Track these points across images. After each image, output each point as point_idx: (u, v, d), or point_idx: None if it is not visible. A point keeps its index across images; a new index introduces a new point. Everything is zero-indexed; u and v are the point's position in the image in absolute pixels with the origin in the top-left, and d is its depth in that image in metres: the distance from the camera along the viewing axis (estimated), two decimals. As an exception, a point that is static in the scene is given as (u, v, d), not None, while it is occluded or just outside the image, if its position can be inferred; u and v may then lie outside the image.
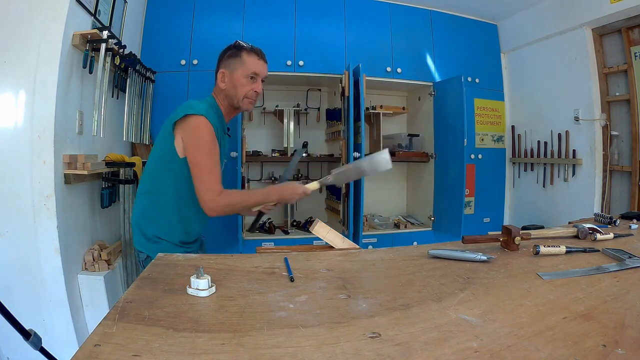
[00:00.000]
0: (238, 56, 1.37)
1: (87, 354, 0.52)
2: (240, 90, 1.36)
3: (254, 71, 1.36)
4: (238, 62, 1.36)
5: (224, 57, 1.41)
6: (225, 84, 1.38)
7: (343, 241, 1.12)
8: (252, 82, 1.37)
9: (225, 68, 1.39)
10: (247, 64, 1.36)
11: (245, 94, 1.37)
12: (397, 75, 3.14)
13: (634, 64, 2.61)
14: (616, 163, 2.80)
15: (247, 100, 1.39)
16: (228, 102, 1.41)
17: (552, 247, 1.00)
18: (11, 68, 1.66)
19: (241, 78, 1.36)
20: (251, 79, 1.37)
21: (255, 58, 1.37)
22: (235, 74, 1.36)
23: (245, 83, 1.36)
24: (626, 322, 0.62)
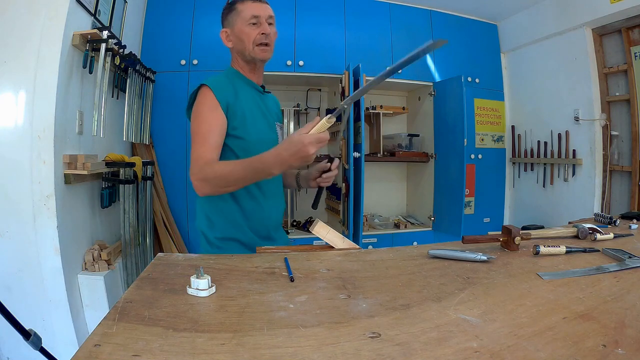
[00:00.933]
0: (233, 9, 1.25)
1: (87, 354, 0.52)
2: (246, 40, 1.23)
3: (252, 14, 1.22)
4: (234, 14, 1.24)
5: (223, 17, 1.30)
6: (232, 42, 1.27)
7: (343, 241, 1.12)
8: (257, 27, 1.23)
9: (226, 26, 1.28)
10: (243, 11, 1.23)
11: (254, 41, 1.23)
12: (397, 75, 3.13)
13: (634, 64, 2.61)
14: (616, 163, 2.80)
15: (259, 48, 1.23)
16: (242, 59, 1.28)
17: (552, 247, 1.00)
18: (11, 68, 1.66)
19: (243, 27, 1.23)
20: (253, 24, 1.23)
21: (249, 2, 1.23)
22: (236, 27, 1.24)
23: (248, 31, 1.22)
24: (626, 322, 0.62)
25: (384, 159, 3.21)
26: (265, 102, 1.33)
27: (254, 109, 1.26)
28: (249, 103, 1.25)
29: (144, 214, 2.32)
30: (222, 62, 2.87)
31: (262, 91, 1.33)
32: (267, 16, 1.24)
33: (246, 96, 1.25)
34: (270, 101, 1.38)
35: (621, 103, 2.77)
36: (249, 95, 1.26)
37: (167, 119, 2.78)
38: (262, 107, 1.30)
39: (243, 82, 1.28)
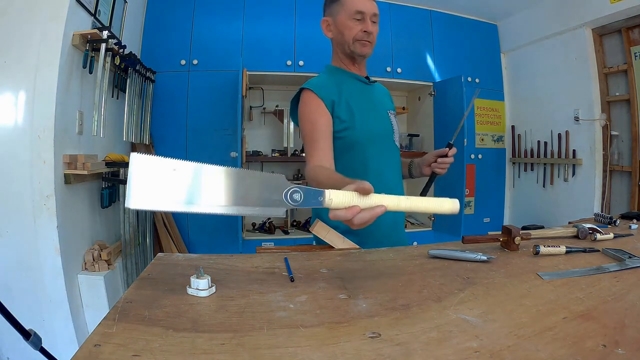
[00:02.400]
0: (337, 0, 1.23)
1: (87, 354, 0.52)
2: (347, 34, 1.21)
3: (357, 9, 1.20)
4: (338, 5, 1.23)
5: (325, 5, 1.28)
6: (332, 32, 1.26)
7: (343, 241, 1.12)
8: (360, 23, 1.21)
9: (328, 15, 1.26)
10: (347, 4, 1.21)
11: (355, 37, 1.21)
12: (397, 75, 3.14)
13: (634, 64, 2.61)
14: (616, 163, 2.80)
15: (359, 43, 1.22)
16: (342, 52, 1.26)
17: (552, 247, 1.00)
18: (11, 68, 1.66)
19: (346, 21, 1.21)
20: (357, 20, 1.21)
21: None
22: (339, 19, 1.22)
23: (351, 25, 1.21)
24: (626, 322, 0.62)
25: (384, 159, 3.21)
26: (373, 93, 1.30)
27: (361, 101, 1.23)
28: (355, 95, 1.22)
29: (144, 214, 2.32)
30: (222, 62, 2.89)
31: (367, 82, 1.30)
32: (372, 14, 1.23)
33: (351, 89, 1.23)
34: (379, 91, 1.35)
35: (621, 103, 2.77)
36: (353, 87, 1.24)
37: (167, 119, 2.78)
38: (370, 98, 1.27)
39: (346, 75, 1.26)
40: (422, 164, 1.35)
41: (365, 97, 1.25)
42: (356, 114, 1.19)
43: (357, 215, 0.67)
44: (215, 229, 2.87)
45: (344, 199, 0.68)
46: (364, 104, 1.23)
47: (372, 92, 1.30)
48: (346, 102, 1.19)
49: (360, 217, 0.68)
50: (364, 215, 0.68)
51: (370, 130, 1.21)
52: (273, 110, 3.16)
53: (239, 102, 2.52)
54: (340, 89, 1.20)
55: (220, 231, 2.87)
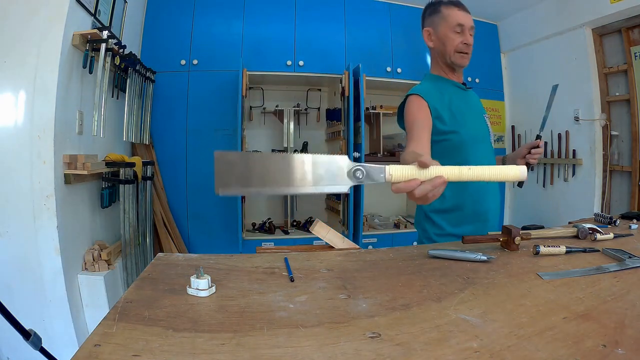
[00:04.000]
0: (438, 11, 1.30)
1: (87, 354, 0.52)
2: (449, 45, 1.29)
3: (458, 22, 1.28)
4: (439, 17, 1.30)
5: (425, 15, 1.35)
6: (433, 42, 1.33)
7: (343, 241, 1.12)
8: (460, 35, 1.29)
9: (429, 26, 1.33)
10: (449, 17, 1.28)
11: (455, 48, 1.28)
12: (397, 75, 3.14)
13: (634, 64, 2.61)
14: (616, 163, 2.80)
15: (459, 55, 1.29)
16: (442, 61, 1.33)
17: (552, 247, 1.00)
18: (11, 68, 1.66)
19: (447, 33, 1.28)
20: (457, 32, 1.28)
21: (455, 9, 1.29)
22: (441, 30, 1.29)
23: (452, 37, 1.28)
24: (626, 322, 0.62)
25: (384, 158, 3.21)
26: (469, 98, 1.38)
27: (461, 106, 1.30)
28: (456, 101, 1.29)
29: (144, 214, 2.32)
30: (222, 62, 2.89)
31: (464, 88, 1.37)
32: (470, 27, 1.30)
33: (452, 95, 1.30)
34: (472, 97, 1.42)
35: (621, 103, 2.77)
36: (454, 94, 1.31)
37: (167, 119, 2.78)
38: (468, 103, 1.35)
39: (446, 83, 1.33)
40: (516, 157, 1.42)
41: (465, 102, 1.33)
42: (459, 118, 1.26)
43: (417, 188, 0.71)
44: (215, 229, 2.87)
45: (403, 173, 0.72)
46: (464, 109, 1.31)
47: (469, 97, 1.38)
48: (449, 107, 1.26)
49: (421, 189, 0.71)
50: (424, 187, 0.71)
51: (471, 133, 1.28)
52: (273, 110, 3.16)
53: (239, 102, 2.52)
54: (442, 95, 1.27)
55: (220, 231, 2.87)
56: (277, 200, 3.26)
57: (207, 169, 2.89)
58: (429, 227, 1.33)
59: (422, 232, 1.37)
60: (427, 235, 1.33)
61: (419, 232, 1.40)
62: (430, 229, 1.32)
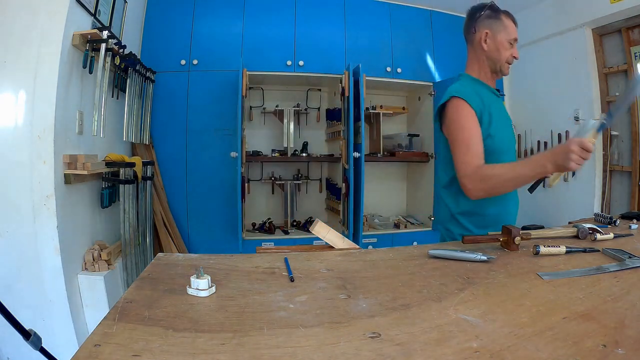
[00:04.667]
0: (498, 18, 1.33)
1: (87, 354, 0.52)
2: (503, 54, 1.32)
3: (515, 37, 1.33)
4: (500, 24, 1.32)
5: (481, 16, 1.35)
6: (488, 46, 1.33)
7: (343, 241, 1.12)
8: (512, 48, 1.33)
9: (488, 28, 1.33)
10: (509, 28, 1.32)
11: (507, 59, 1.33)
12: (397, 75, 3.14)
13: (634, 64, 2.61)
14: (616, 163, 2.80)
15: (507, 66, 1.35)
16: (488, 66, 1.36)
17: (552, 247, 1.00)
18: (11, 68, 1.66)
19: (504, 42, 1.31)
20: (511, 45, 1.33)
21: (512, 24, 1.33)
22: (499, 37, 1.32)
23: (507, 47, 1.32)
24: (626, 322, 0.62)
25: (384, 159, 3.21)
26: (501, 105, 1.42)
27: (497, 112, 1.33)
28: (493, 106, 1.32)
29: (144, 214, 2.32)
30: (222, 62, 2.89)
31: (498, 95, 1.42)
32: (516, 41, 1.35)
33: (489, 100, 1.33)
34: (502, 105, 1.46)
35: (621, 103, 2.76)
36: (491, 99, 1.34)
37: (167, 119, 2.78)
38: (500, 111, 1.39)
39: (484, 87, 1.36)
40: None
41: (498, 109, 1.35)
42: (494, 124, 1.29)
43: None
44: (215, 229, 2.87)
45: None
46: (499, 115, 1.33)
47: (500, 104, 1.41)
48: (488, 112, 1.28)
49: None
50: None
51: (504, 139, 1.32)
52: (273, 110, 3.16)
53: (239, 102, 2.52)
54: (482, 99, 1.29)
55: (220, 231, 2.87)
56: (277, 200, 3.27)
57: (207, 168, 2.90)
58: (453, 228, 1.35)
59: (445, 231, 1.39)
60: (451, 235, 1.35)
61: (443, 232, 1.42)
62: (455, 229, 1.34)
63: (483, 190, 1.19)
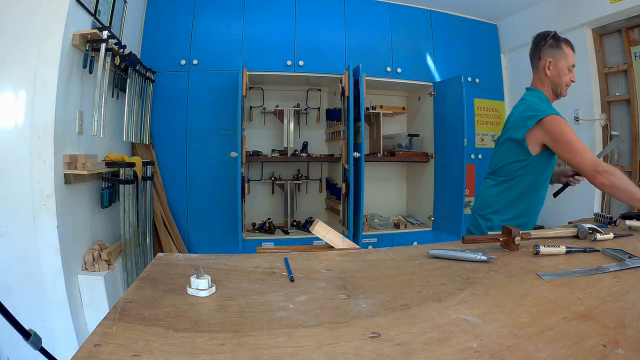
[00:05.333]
0: (560, 47, 1.49)
1: (87, 354, 0.52)
2: (564, 80, 1.50)
3: (573, 64, 1.49)
4: (561, 53, 1.48)
5: (545, 45, 1.51)
6: (551, 72, 1.51)
7: (343, 241, 1.12)
8: (570, 73, 1.50)
9: (551, 57, 1.50)
10: (569, 56, 1.48)
11: (567, 83, 1.52)
12: (397, 75, 3.14)
13: (634, 64, 2.61)
14: (616, 163, 2.79)
15: (566, 89, 1.53)
16: (551, 89, 1.54)
17: (552, 247, 1.00)
18: (11, 68, 1.66)
19: (564, 68, 1.48)
20: (569, 71, 1.50)
21: (571, 51, 1.49)
22: (560, 64, 1.48)
23: (567, 73, 1.49)
24: (626, 322, 0.62)
25: (384, 159, 3.21)
26: None
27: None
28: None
29: (144, 214, 2.32)
30: (222, 62, 2.89)
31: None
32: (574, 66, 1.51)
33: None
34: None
35: (621, 103, 2.77)
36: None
37: (167, 119, 2.78)
38: None
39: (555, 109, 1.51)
40: (561, 174, 1.74)
41: None
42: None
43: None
44: (215, 229, 2.87)
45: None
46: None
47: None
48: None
49: None
50: None
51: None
52: (273, 110, 3.16)
53: (239, 102, 2.52)
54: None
55: (220, 231, 2.86)
56: (277, 200, 3.27)
57: (207, 168, 2.90)
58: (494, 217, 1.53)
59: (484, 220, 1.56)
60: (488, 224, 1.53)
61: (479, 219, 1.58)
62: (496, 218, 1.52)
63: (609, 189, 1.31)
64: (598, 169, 1.31)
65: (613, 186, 1.29)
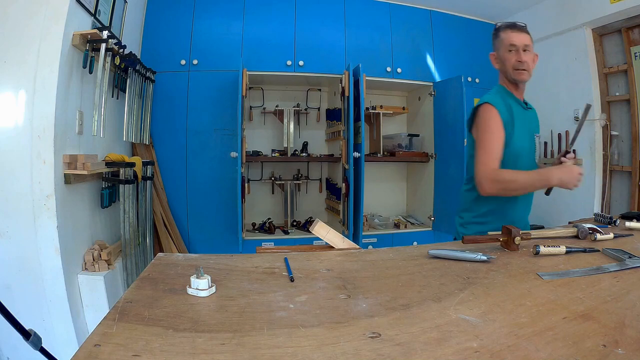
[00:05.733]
0: (497, 36, 1.47)
1: (87, 354, 0.52)
2: (507, 65, 1.45)
3: (510, 43, 1.43)
4: (499, 41, 1.47)
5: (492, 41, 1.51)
6: (498, 64, 1.50)
7: (343, 241, 1.12)
8: (514, 53, 1.43)
9: (494, 50, 1.51)
10: (504, 39, 1.44)
11: (512, 66, 1.44)
12: (397, 75, 3.14)
13: (634, 64, 2.61)
14: (616, 163, 2.80)
15: (516, 72, 1.44)
16: (506, 78, 1.50)
17: (552, 247, 1.00)
18: (11, 68, 1.66)
19: (504, 54, 1.44)
20: (511, 52, 1.43)
21: (509, 32, 1.44)
22: (500, 52, 1.46)
23: (508, 57, 1.44)
24: (626, 322, 0.62)
25: (384, 159, 3.21)
26: (527, 116, 1.51)
27: (519, 122, 1.43)
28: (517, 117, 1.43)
29: (144, 214, 2.32)
30: (222, 62, 2.89)
31: (524, 107, 1.52)
32: (523, 45, 1.43)
33: (515, 111, 1.44)
34: (531, 114, 1.56)
35: (621, 103, 2.77)
36: (516, 110, 1.45)
37: (167, 119, 2.78)
38: (525, 120, 1.48)
39: (512, 99, 1.47)
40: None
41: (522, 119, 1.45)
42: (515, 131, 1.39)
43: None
44: (215, 229, 2.87)
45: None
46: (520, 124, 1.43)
47: (527, 116, 1.50)
48: (512, 121, 1.39)
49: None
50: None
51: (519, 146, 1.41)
52: (273, 110, 3.16)
53: (239, 102, 2.52)
54: (509, 109, 1.41)
55: (220, 231, 2.86)
56: (278, 200, 3.27)
57: (207, 168, 2.90)
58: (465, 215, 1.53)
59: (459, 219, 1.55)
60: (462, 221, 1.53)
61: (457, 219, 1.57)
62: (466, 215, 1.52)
63: (495, 189, 1.31)
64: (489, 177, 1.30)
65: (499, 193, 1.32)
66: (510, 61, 1.44)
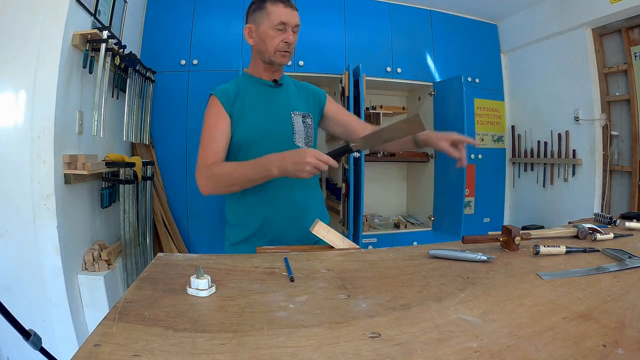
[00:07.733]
0: (262, 8, 1.24)
1: (87, 354, 0.52)
2: (269, 44, 1.24)
3: (281, 21, 1.22)
4: (263, 14, 1.23)
5: (249, 11, 1.29)
6: (254, 40, 1.28)
7: (343, 241, 1.12)
8: (282, 33, 1.23)
9: (251, 23, 1.27)
10: (272, 14, 1.22)
11: (276, 47, 1.24)
12: (397, 75, 3.14)
13: (634, 64, 2.61)
14: (616, 163, 2.80)
15: (280, 54, 1.26)
16: (260, 59, 1.30)
17: (552, 247, 1.00)
18: (11, 68, 1.66)
19: (268, 30, 1.23)
20: (279, 30, 1.23)
21: (281, 7, 1.23)
22: (262, 27, 1.24)
23: (273, 35, 1.23)
24: (626, 322, 0.62)
25: (384, 159, 3.21)
26: (278, 95, 1.35)
27: (257, 104, 1.29)
28: (252, 99, 1.29)
29: (144, 214, 2.32)
30: (222, 62, 2.89)
31: (272, 85, 1.34)
32: (294, 25, 1.25)
33: (250, 92, 1.29)
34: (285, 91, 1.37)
35: (621, 103, 2.77)
36: (254, 91, 1.30)
37: (167, 119, 2.78)
38: (271, 100, 1.32)
39: (250, 81, 1.33)
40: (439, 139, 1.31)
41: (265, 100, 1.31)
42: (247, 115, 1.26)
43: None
44: (215, 229, 2.87)
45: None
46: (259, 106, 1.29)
47: (277, 94, 1.34)
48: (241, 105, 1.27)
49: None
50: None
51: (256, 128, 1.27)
52: (273, 110, 3.16)
53: (239, 102, 2.51)
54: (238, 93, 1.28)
55: (221, 231, 2.86)
56: (277, 200, 3.26)
57: (207, 169, 2.88)
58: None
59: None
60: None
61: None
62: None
63: (210, 187, 1.20)
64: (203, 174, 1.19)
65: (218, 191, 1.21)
66: (275, 41, 1.23)
